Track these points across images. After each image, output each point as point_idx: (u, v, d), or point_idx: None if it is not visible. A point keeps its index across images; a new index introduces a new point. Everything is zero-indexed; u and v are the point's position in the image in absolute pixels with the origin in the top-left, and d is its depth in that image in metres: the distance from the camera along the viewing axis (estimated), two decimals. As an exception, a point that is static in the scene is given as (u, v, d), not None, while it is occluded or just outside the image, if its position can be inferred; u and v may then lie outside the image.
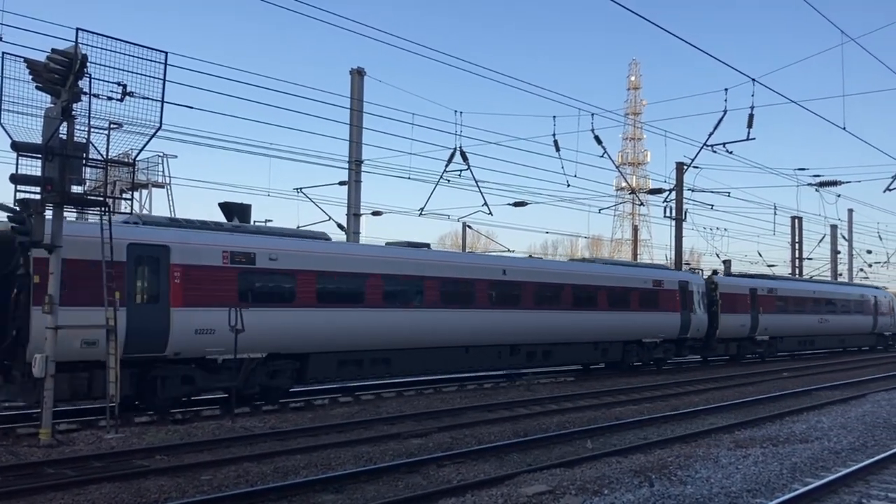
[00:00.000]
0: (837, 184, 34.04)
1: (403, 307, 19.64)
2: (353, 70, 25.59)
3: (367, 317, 18.70)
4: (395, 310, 19.36)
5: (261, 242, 17.19)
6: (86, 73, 12.38)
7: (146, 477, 10.25)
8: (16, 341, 13.72)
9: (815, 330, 37.82)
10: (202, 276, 15.83)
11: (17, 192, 12.62)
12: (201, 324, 15.64)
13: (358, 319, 18.51)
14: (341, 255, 18.76)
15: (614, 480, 10.09)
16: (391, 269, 19.45)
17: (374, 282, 18.97)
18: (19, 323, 13.71)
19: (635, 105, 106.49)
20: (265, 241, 17.39)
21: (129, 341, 14.44)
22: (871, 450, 12.84)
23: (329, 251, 18.59)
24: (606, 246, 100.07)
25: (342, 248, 20.04)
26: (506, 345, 22.48)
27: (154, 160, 31.59)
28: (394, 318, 19.30)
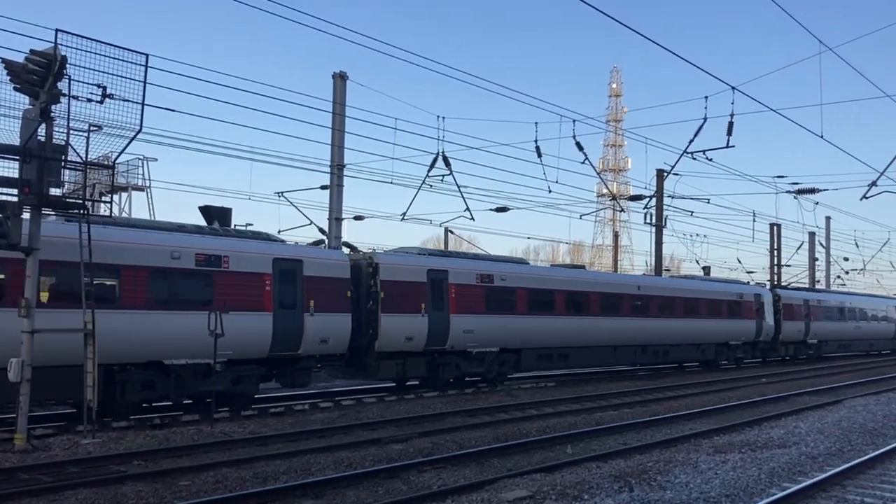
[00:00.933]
0: (815, 191, 34.34)
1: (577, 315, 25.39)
2: (335, 74, 25.51)
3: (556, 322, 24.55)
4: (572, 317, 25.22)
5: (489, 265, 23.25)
6: (65, 75, 12.26)
7: (123, 483, 10.14)
8: None
9: (852, 335, 44.83)
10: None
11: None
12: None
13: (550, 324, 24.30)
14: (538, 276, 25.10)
15: (594, 486, 10.11)
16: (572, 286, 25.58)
17: (560, 296, 24.77)
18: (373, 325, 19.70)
19: (616, 112, 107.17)
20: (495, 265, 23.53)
21: None
22: (847, 455, 12.97)
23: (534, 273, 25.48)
24: (587, 252, 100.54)
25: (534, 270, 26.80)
26: (639, 345, 28.10)
27: (134, 163, 31.29)
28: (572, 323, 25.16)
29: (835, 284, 58.40)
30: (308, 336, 17.77)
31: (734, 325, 33.46)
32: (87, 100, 12.58)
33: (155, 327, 15.31)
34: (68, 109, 12.49)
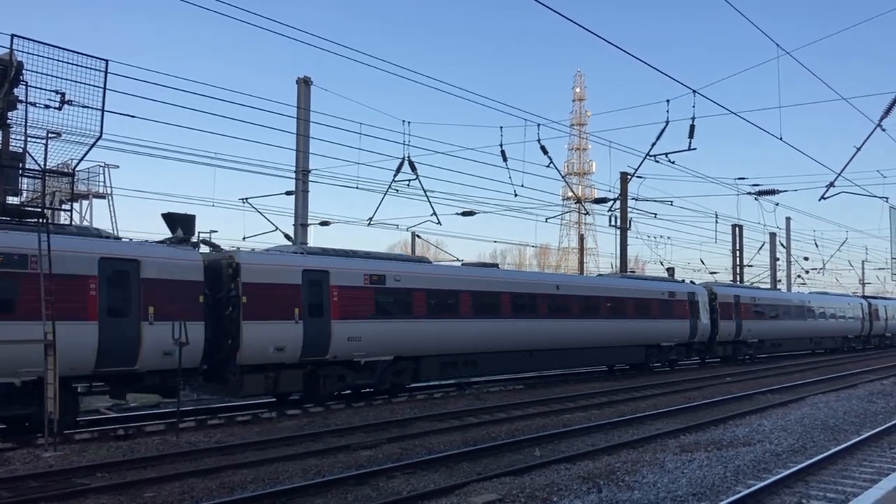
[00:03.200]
0: (775, 192, 34.98)
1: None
2: (299, 79, 25.40)
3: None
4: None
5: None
6: (22, 81, 12.04)
7: (86, 496, 9.96)
8: None
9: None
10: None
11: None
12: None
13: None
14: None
15: (563, 487, 10.16)
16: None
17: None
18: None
19: (580, 116, 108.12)
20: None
21: None
22: (810, 451, 13.21)
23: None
24: (554, 255, 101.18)
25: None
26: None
27: (95, 170, 30.78)
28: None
29: (795, 284, 59.50)
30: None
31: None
32: (44, 106, 12.37)
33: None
34: (25, 116, 12.27)
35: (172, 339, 15.09)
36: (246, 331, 17.12)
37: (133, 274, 15.47)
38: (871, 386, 25.27)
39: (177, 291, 16.04)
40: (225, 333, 17.22)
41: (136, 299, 15.41)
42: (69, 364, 13.89)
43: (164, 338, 15.39)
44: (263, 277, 17.76)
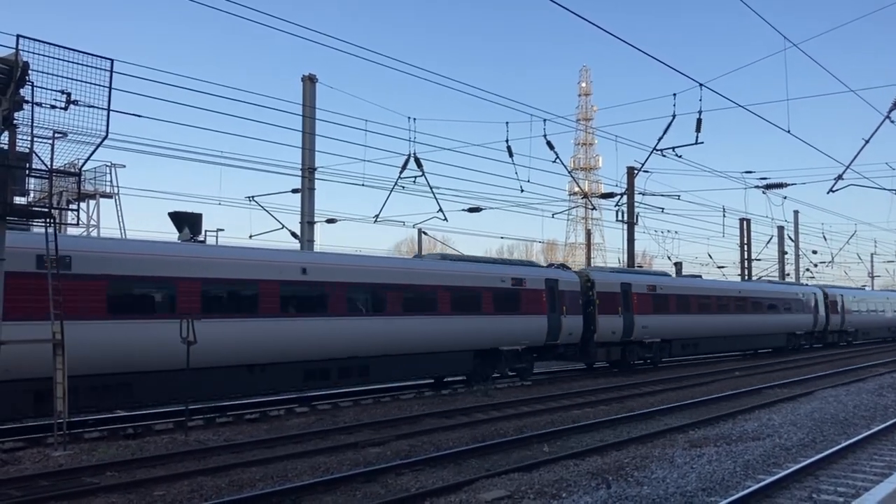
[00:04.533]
0: (783, 186, 34.84)
1: None
2: (304, 77, 25.40)
3: None
4: None
5: None
6: (28, 81, 12.05)
7: (96, 494, 9.98)
8: None
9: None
10: None
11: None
12: None
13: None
14: None
15: (572, 483, 10.14)
16: None
17: None
18: None
19: (586, 111, 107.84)
20: None
21: None
22: (820, 445, 13.15)
23: None
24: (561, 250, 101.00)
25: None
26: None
27: (101, 170, 30.98)
28: None
29: (804, 277, 59.27)
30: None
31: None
32: (50, 106, 12.37)
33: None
34: (31, 116, 12.28)
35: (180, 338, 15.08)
36: (600, 321, 27.35)
37: (556, 287, 25.56)
38: (881, 379, 25.16)
39: (571, 298, 26.21)
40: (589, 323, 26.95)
41: (557, 301, 25.33)
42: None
43: (570, 323, 25.93)
44: (605, 288, 27.78)
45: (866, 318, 51.08)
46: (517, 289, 24.15)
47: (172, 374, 15.52)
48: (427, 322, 21.19)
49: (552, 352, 26.08)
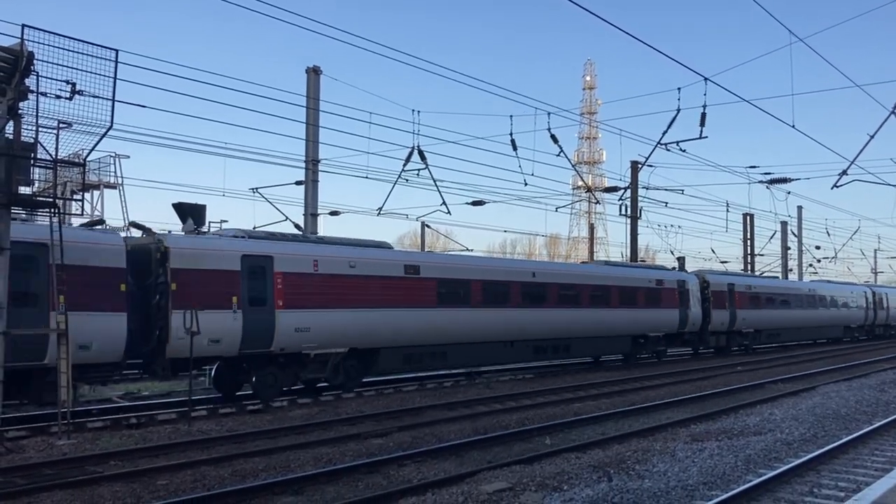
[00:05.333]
0: (787, 181, 34.79)
1: None
2: (308, 68, 25.38)
3: None
4: None
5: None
6: (32, 71, 12.05)
7: (100, 483, 10.03)
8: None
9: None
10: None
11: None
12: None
13: None
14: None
15: (573, 476, 10.17)
16: None
17: None
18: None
19: (591, 104, 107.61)
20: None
21: None
22: (821, 440, 13.16)
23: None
24: (564, 244, 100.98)
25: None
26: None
27: (106, 160, 30.88)
28: None
29: (807, 273, 59.24)
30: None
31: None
32: (55, 96, 12.36)
33: None
34: (37, 106, 12.27)
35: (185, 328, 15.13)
36: (713, 314, 32.86)
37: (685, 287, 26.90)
38: (883, 375, 25.17)
39: (694, 295, 31.79)
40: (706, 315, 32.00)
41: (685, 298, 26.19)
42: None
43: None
44: (717, 287, 33.25)
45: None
46: (659, 288, 30.41)
47: (473, 346, 22.46)
48: (607, 313, 27.59)
49: (680, 338, 32.29)
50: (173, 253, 16.00)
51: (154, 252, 16.02)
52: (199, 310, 15.49)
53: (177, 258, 16.02)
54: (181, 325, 15.46)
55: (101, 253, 14.99)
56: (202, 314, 15.52)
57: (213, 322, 16.08)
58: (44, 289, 13.96)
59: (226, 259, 16.88)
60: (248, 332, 16.83)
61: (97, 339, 14.56)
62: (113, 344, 14.97)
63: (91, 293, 14.49)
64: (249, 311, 16.97)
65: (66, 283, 13.43)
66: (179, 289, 15.83)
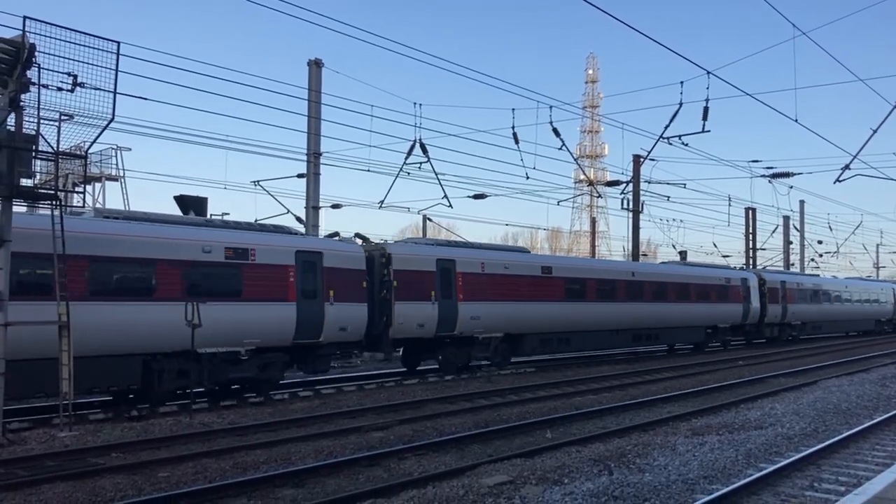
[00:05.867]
0: (789, 175, 34.69)
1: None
2: (310, 61, 25.33)
3: None
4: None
5: None
6: (34, 63, 12.03)
7: (101, 475, 10.05)
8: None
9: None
10: None
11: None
12: None
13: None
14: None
15: (574, 469, 10.18)
16: None
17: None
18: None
19: (593, 98, 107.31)
20: None
21: None
22: (822, 435, 13.17)
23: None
24: (565, 238, 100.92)
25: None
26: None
27: (107, 153, 30.97)
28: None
29: (809, 267, 59.17)
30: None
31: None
32: (57, 88, 12.34)
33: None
34: (38, 98, 12.26)
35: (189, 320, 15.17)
36: (769, 308, 37.49)
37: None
38: (884, 370, 25.16)
39: (755, 291, 35.87)
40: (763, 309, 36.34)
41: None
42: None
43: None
44: (772, 284, 36.88)
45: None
46: (728, 285, 34.95)
47: (589, 333, 26.65)
48: (688, 307, 31.93)
49: (741, 329, 36.91)
50: (394, 258, 20.58)
51: (379, 257, 20.52)
52: (411, 301, 20.54)
53: (397, 261, 20.54)
54: (402, 313, 20.37)
55: (352, 259, 19.46)
56: (414, 304, 20.65)
57: (420, 311, 20.87)
58: (321, 285, 18.32)
59: (427, 262, 21.38)
60: (441, 319, 21.46)
61: (350, 323, 18.94)
62: (359, 326, 19.35)
63: (348, 289, 18.90)
64: (442, 302, 21.50)
65: (335, 282, 18.53)
66: (399, 285, 20.40)
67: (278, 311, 17.31)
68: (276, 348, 17.48)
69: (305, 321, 17.77)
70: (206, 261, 16.12)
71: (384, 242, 22.30)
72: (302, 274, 17.88)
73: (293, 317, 17.57)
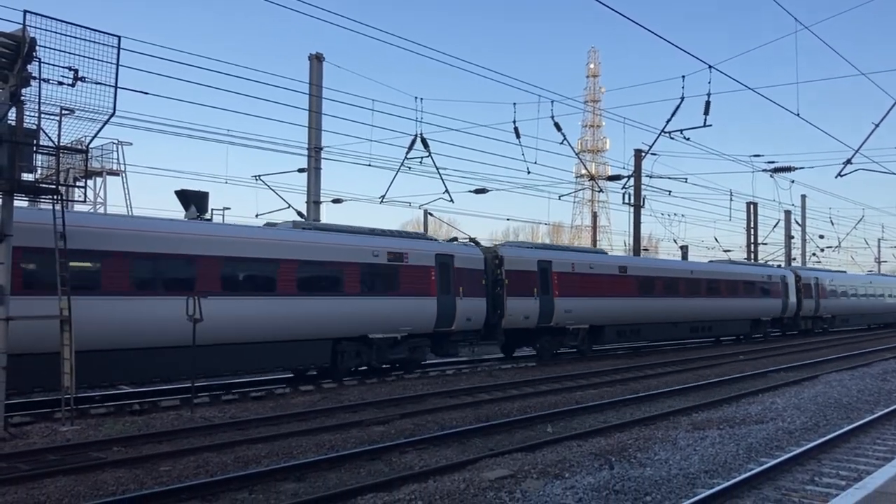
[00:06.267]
0: (791, 170, 34.63)
1: None
2: (311, 55, 25.28)
3: None
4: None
5: None
6: (35, 57, 12.01)
7: (103, 469, 10.07)
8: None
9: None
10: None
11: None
12: None
13: None
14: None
15: (575, 464, 10.19)
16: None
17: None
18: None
19: (594, 92, 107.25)
20: None
21: None
22: (823, 429, 13.17)
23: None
24: (567, 232, 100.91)
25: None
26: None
27: (108, 147, 30.97)
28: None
29: (810, 262, 59.10)
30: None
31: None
32: (58, 83, 12.31)
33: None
34: (39, 93, 12.23)
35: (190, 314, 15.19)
36: (804, 303, 41.56)
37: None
38: (885, 364, 25.16)
39: (806, 287, 39.09)
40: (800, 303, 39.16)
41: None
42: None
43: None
44: (806, 281, 39.37)
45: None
46: (769, 282, 38.58)
47: (656, 325, 30.45)
48: (737, 301, 35.71)
49: (780, 322, 40.83)
50: (506, 259, 23.97)
51: (492, 259, 23.87)
52: (519, 296, 23.89)
53: (508, 262, 23.92)
54: (512, 307, 23.70)
55: (475, 261, 23.00)
56: (521, 300, 24.00)
57: (525, 305, 24.21)
58: (453, 283, 21.81)
59: (530, 263, 24.72)
60: (542, 312, 24.70)
61: (474, 314, 22.47)
62: (480, 318, 22.89)
63: (472, 286, 22.40)
64: (542, 298, 24.68)
65: (463, 280, 22.09)
66: (510, 283, 23.67)
67: (424, 304, 21.06)
68: (420, 335, 21.19)
69: (443, 312, 21.46)
70: (375, 263, 19.81)
71: (495, 246, 25.84)
72: (440, 273, 21.54)
73: (434, 309, 21.24)
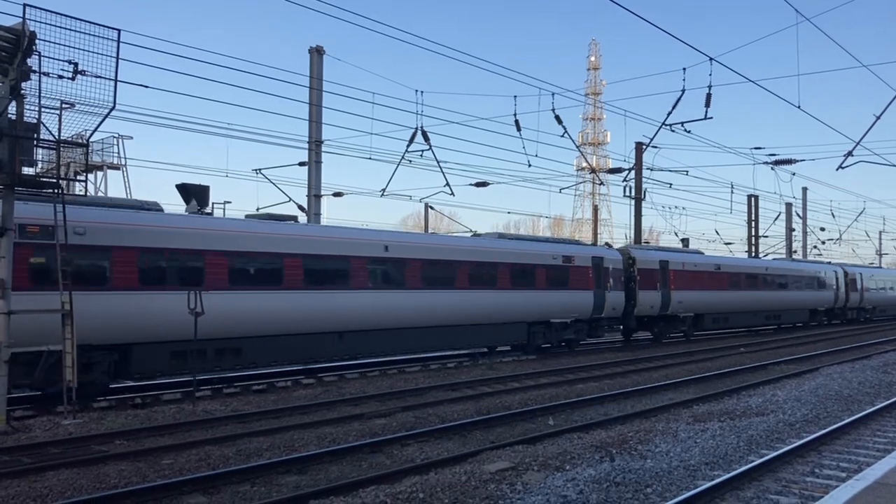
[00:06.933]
0: (792, 162, 34.59)
1: None
2: (311, 49, 25.25)
3: None
4: None
5: None
6: (35, 51, 11.99)
7: (105, 462, 10.11)
8: None
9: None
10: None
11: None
12: None
13: None
14: None
15: (576, 456, 10.22)
16: None
17: None
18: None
19: (595, 85, 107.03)
20: None
21: None
22: (823, 421, 13.20)
23: None
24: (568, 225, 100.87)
25: None
26: None
27: (109, 141, 30.96)
28: None
29: (811, 254, 59.09)
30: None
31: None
32: (58, 76, 12.29)
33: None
34: (39, 87, 12.21)
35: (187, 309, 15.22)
36: (851, 296, 47.21)
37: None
38: (885, 357, 25.19)
39: (848, 282, 46.40)
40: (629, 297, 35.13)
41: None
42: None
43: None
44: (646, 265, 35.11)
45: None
46: (824, 277, 44.20)
47: (738, 313, 35.99)
48: (802, 294, 41.90)
49: (831, 312, 46.11)
50: (638, 259, 29.25)
51: (626, 259, 29.03)
52: (647, 290, 29.34)
53: (639, 262, 29.18)
54: (643, 298, 29.08)
55: (616, 261, 28.32)
56: (648, 292, 29.40)
57: (651, 297, 29.66)
58: (602, 279, 27.04)
59: (654, 262, 30.02)
60: (662, 302, 30.24)
61: (616, 305, 27.86)
62: (620, 307, 28.35)
63: (615, 281, 27.61)
64: (662, 291, 30.10)
65: (609, 277, 27.46)
66: (641, 278, 29.01)
67: (585, 296, 26.45)
68: (582, 320, 26.53)
69: (597, 303, 26.85)
70: (555, 264, 25.36)
71: (628, 247, 30.92)
72: (594, 271, 26.89)
73: (592, 300, 26.61)
